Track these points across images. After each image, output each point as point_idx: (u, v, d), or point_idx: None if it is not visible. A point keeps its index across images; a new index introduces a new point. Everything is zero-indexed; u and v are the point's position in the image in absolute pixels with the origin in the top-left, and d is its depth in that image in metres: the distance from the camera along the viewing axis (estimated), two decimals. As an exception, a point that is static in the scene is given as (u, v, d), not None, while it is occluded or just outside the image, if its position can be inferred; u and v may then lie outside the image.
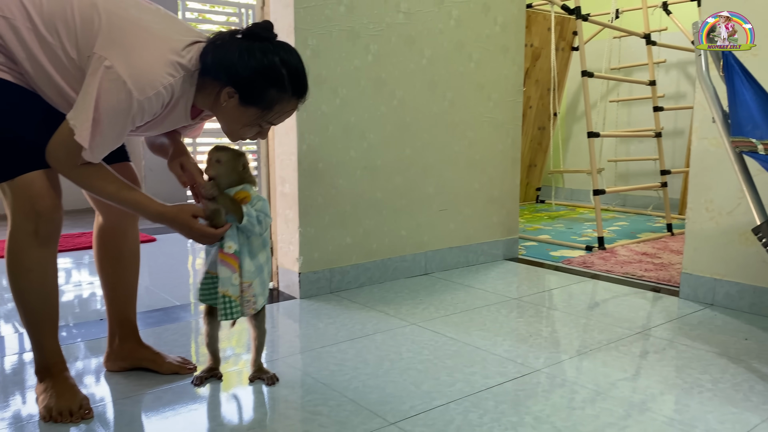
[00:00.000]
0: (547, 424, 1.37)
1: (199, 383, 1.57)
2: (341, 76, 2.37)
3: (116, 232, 1.60)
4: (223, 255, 1.48)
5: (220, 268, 1.48)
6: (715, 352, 1.82)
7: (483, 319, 2.11)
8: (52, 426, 1.36)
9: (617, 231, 3.85)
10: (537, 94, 4.91)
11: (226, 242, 1.47)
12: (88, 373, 1.65)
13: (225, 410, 1.46)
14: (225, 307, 1.48)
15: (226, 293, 1.48)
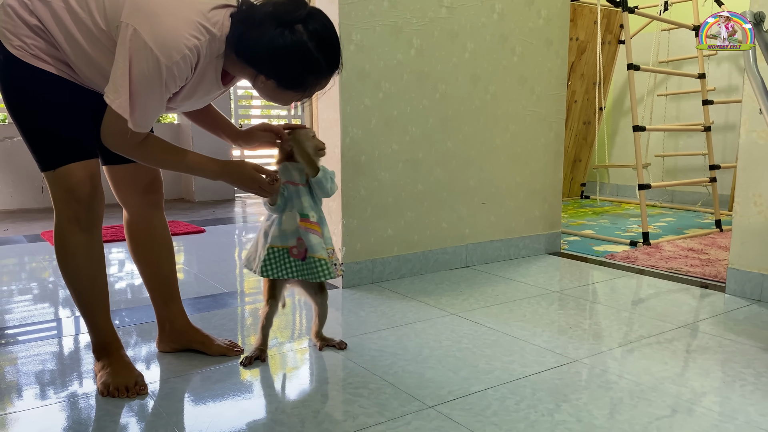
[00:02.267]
0: (584, 411, 1.39)
1: (248, 363, 1.64)
2: (384, 70, 2.41)
3: (142, 224, 1.66)
4: (309, 224, 1.61)
5: (309, 237, 1.60)
6: (760, 347, 1.79)
7: (523, 311, 2.12)
8: (110, 401, 1.45)
9: (663, 227, 3.79)
10: (582, 89, 4.85)
11: (309, 212, 1.61)
12: (140, 354, 1.74)
13: (269, 390, 1.52)
14: (321, 269, 1.60)
15: (320, 257, 1.60)
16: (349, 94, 2.33)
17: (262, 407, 1.43)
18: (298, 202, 1.62)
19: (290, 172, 1.63)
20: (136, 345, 1.81)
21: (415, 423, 1.34)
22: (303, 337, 1.89)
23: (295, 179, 1.62)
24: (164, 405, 1.43)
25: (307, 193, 1.63)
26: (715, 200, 3.72)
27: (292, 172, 1.63)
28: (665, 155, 4.61)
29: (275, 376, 1.61)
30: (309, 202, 1.62)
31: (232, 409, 1.41)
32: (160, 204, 1.67)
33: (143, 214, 1.65)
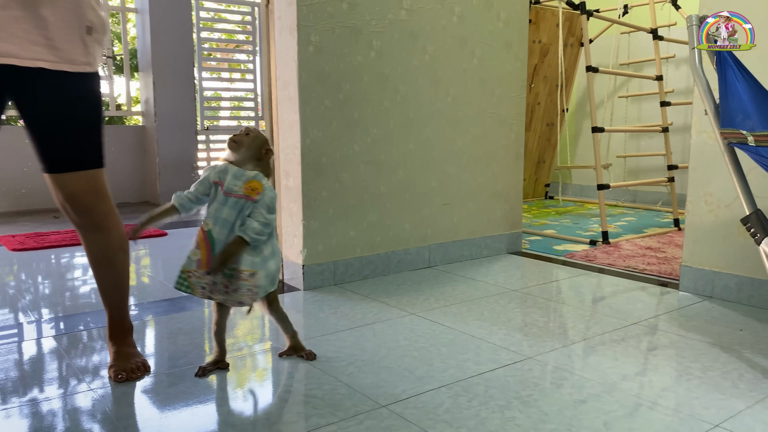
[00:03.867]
0: (534, 408, 1.41)
1: (202, 374, 1.60)
2: (344, 71, 2.42)
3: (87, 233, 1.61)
4: (199, 230, 1.53)
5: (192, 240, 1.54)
6: (709, 342, 1.84)
7: (481, 310, 2.14)
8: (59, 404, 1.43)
9: (624, 226, 3.86)
10: (546, 91, 4.92)
11: (207, 219, 1.52)
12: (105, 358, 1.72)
13: (222, 393, 1.51)
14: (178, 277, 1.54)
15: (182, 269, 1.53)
16: (309, 95, 2.33)
17: (214, 411, 1.42)
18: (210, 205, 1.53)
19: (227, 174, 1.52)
20: (102, 350, 1.79)
21: (367, 422, 1.34)
22: (260, 340, 1.89)
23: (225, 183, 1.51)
24: (115, 409, 1.41)
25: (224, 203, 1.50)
26: (673, 200, 3.80)
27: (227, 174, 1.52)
28: (626, 156, 4.70)
29: (230, 379, 1.60)
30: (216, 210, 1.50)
31: (184, 413, 1.40)
32: None
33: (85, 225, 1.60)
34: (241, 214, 1.50)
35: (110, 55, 5.13)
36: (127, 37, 5.38)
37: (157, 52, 5.04)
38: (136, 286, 2.54)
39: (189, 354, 1.75)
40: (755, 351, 1.77)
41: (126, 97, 5.35)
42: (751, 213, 1.58)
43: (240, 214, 1.50)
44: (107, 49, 5.08)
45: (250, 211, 1.49)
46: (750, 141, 1.63)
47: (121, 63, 5.77)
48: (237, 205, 1.50)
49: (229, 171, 1.53)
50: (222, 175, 1.53)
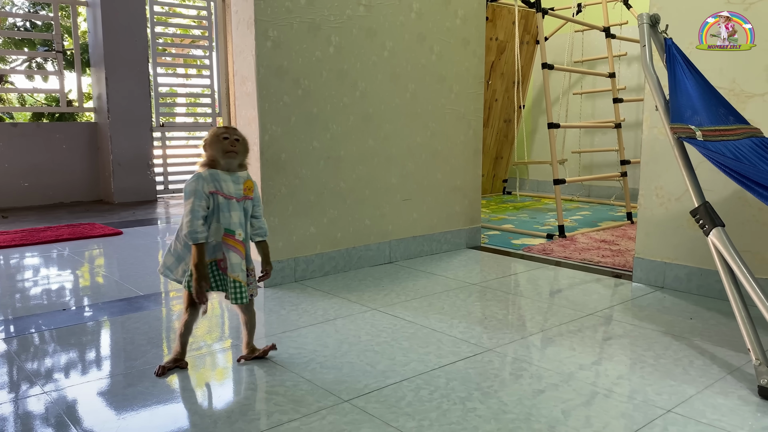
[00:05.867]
0: (494, 399, 1.43)
1: (161, 373, 1.57)
2: (303, 67, 2.40)
3: None
4: (233, 241, 1.54)
5: (230, 254, 1.54)
6: (660, 331, 1.90)
7: (442, 304, 2.16)
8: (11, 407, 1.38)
9: (579, 220, 3.95)
10: (503, 87, 4.99)
11: (237, 229, 1.54)
12: (59, 360, 1.67)
13: (184, 393, 1.49)
14: (236, 291, 1.56)
15: (237, 278, 1.55)
16: (267, 91, 2.31)
17: (175, 410, 1.40)
18: (225, 216, 1.53)
19: (221, 182, 1.52)
20: (54, 352, 1.74)
21: (330, 417, 1.34)
22: (220, 339, 1.87)
23: (228, 191, 1.53)
24: (69, 412, 1.38)
25: (239, 209, 1.55)
26: (626, 194, 3.91)
27: (226, 182, 1.53)
28: (581, 151, 4.80)
29: (191, 377, 1.58)
30: (239, 218, 1.55)
31: (143, 414, 1.37)
32: None
33: None
34: (247, 214, 1.58)
35: (60, 49, 4.97)
36: (78, 31, 5.22)
37: (110, 46, 4.91)
38: (91, 286, 2.48)
39: (147, 354, 1.72)
40: (704, 338, 1.83)
41: (77, 93, 5.20)
42: (700, 205, 1.64)
43: (246, 215, 1.58)
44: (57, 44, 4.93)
45: (252, 209, 1.60)
46: (698, 136, 1.68)
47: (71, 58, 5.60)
48: (243, 206, 1.57)
49: (220, 178, 1.52)
50: (216, 183, 1.52)
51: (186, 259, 1.57)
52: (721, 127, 1.80)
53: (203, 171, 1.53)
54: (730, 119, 1.88)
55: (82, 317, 2.06)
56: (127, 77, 5.01)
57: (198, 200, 1.50)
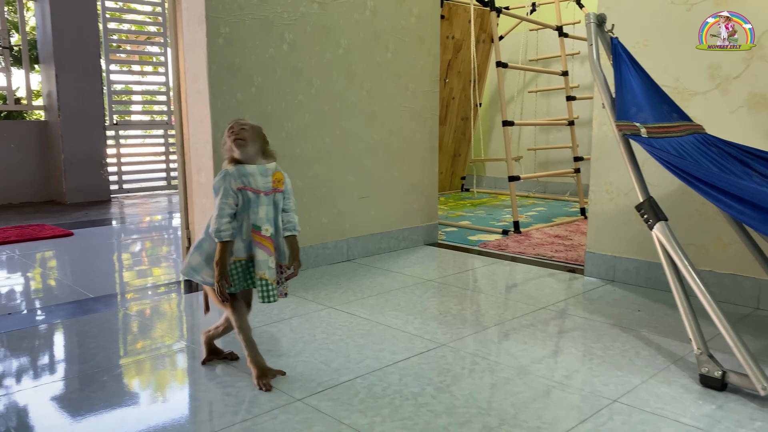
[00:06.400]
0: (446, 393, 1.45)
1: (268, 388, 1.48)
2: (256, 64, 2.38)
3: None
4: (260, 238, 1.48)
5: (256, 251, 1.48)
6: (609, 323, 1.95)
7: (398, 301, 2.17)
8: None
9: (535, 216, 4.02)
10: (460, 85, 5.03)
11: (263, 225, 1.48)
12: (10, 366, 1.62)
13: (133, 397, 1.46)
14: (263, 290, 1.50)
15: (263, 276, 1.49)
16: (220, 88, 2.28)
17: (126, 413, 1.37)
18: (254, 211, 1.48)
19: (249, 177, 1.47)
20: (6, 357, 1.68)
21: (282, 417, 1.34)
22: (176, 340, 1.84)
23: (256, 186, 1.48)
24: (18, 420, 1.34)
25: (269, 203, 1.50)
26: (579, 190, 3.99)
27: (254, 177, 1.48)
28: (537, 149, 4.88)
29: (141, 381, 1.55)
30: (266, 212, 1.49)
31: (93, 418, 1.34)
32: None
33: None
34: (277, 207, 1.52)
35: (7, 45, 4.81)
36: (26, 26, 5.06)
37: (60, 42, 4.77)
38: (43, 289, 2.41)
39: (96, 357, 1.68)
40: (651, 329, 1.89)
41: (26, 90, 5.04)
42: (645, 200, 1.69)
43: (277, 208, 1.52)
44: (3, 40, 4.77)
45: (282, 201, 1.54)
46: (643, 133, 1.73)
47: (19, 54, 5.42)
48: (273, 200, 1.51)
49: (248, 172, 1.48)
50: (243, 179, 1.47)
51: None
52: (665, 124, 1.85)
53: (230, 167, 1.48)
54: (673, 116, 1.94)
55: (32, 320, 2.00)
56: (79, 74, 4.88)
57: (224, 198, 1.46)
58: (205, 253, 1.51)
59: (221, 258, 1.46)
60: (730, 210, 1.50)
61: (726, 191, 1.51)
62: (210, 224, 1.49)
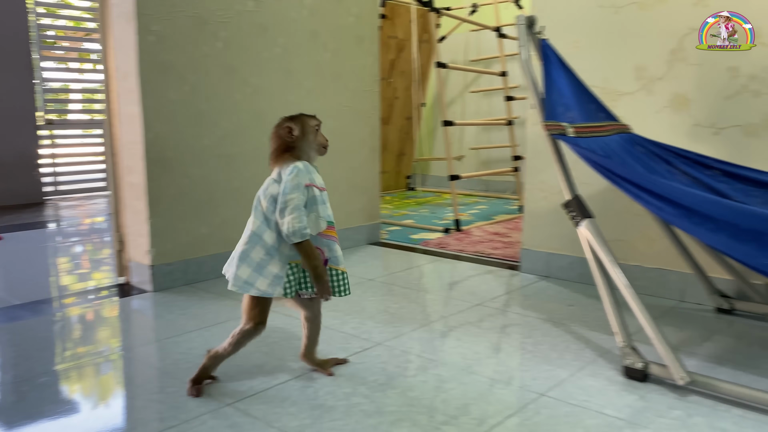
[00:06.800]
0: (379, 392, 1.45)
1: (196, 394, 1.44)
2: (189, 62, 2.33)
3: None
4: (333, 232, 1.46)
5: (333, 246, 1.47)
6: (542, 319, 1.99)
7: (337, 300, 2.17)
8: None
9: (476, 214, 4.07)
10: (403, 85, 5.06)
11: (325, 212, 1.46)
12: None
13: (61, 405, 1.41)
14: (340, 283, 1.47)
15: (344, 269, 1.47)
16: (151, 87, 2.22)
17: (49, 423, 1.32)
18: (323, 207, 1.46)
19: (313, 174, 1.47)
20: None
21: (210, 422, 1.31)
22: (106, 348, 1.78)
23: (320, 182, 1.47)
24: None
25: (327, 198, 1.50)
26: (518, 188, 4.07)
27: (316, 174, 1.48)
28: (478, 148, 4.96)
29: (66, 391, 1.49)
30: (324, 202, 1.48)
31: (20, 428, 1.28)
32: None
33: None
34: None
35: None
36: (-52, 20, 4.81)
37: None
38: (-41, 298, 2.30)
39: (19, 366, 1.61)
40: (581, 324, 1.94)
41: (-51, 87, 4.79)
42: (572, 198, 1.73)
43: None
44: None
45: None
46: (570, 132, 1.77)
47: (-58, 50, 5.15)
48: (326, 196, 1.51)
49: (312, 169, 1.47)
50: (310, 176, 1.45)
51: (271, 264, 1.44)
52: (592, 124, 1.90)
53: (300, 164, 1.44)
54: (600, 116, 2.00)
55: (-54, 331, 1.91)
56: (8, 71, 4.67)
57: (302, 194, 1.41)
58: (254, 263, 1.45)
59: (317, 256, 1.43)
60: (650, 206, 1.56)
61: (646, 188, 1.56)
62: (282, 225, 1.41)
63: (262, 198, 1.47)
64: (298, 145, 1.48)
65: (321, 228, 1.45)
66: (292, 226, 1.39)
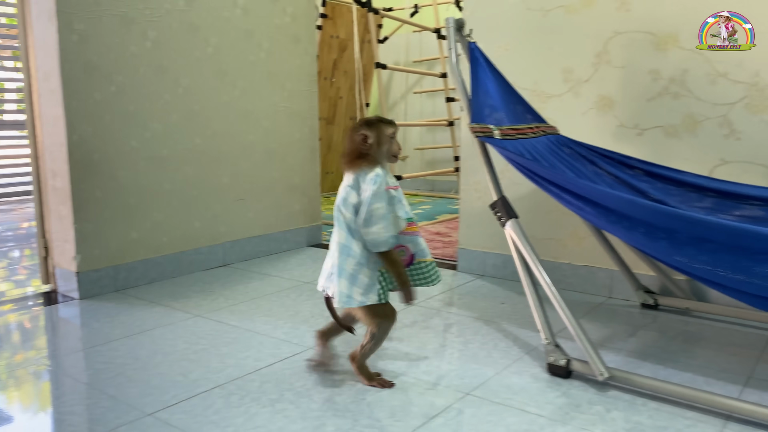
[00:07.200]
0: (305, 398, 1.44)
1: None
2: (116, 62, 2.26)
3: None
4: (414, 227, 1.49)
5: (417, 240, 1.50)
6: (473, 317, 2.02)
7: (271, 305, 2.14)
8: None
9: (420, 214, 4.10)
10: (347, 85, 5.04)
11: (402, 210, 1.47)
12: None
13: (-38, 423, 1.34)
14: (430, 273, 1.52)
15: (431, 260, 1.53)
16: (75, 87, 2.15)
17: (-53, 444, 1.26)
18: (402, 207, 1.48)
19: (388, 176, 1.47)
20: None
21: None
22: (21, 358, 1.71)
23: (394, 183, 1.48)
24: None
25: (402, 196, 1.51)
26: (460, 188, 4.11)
27: (389, 176, 1.48)
28: (423, 148, 4.99)
29: (-27, 405, 1.42)
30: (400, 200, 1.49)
31: None
32: None
33: None
34: None
35: None
36: None
37: None
38: None
39: (-76, 383, 1.53)
40: (511, 321, 1.97)
41: None
42: (498, 199, 1.76)
43: None
44: None
45: None
46: (496, 135, 1.80)
47: None
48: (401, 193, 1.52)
49: (386, 171, 1.47)
50: (387, 179, 1.46)
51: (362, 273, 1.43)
52: (519, 126, 1.93)
53: (380, 170, 1.44)
54: (528, 117, 2.03)
55: None
56: (-72, 70, 4.44)
57: (385, 202, 1.42)
58: (348, 274, 1.43)
59: (401, 263, 1.46)
60: (572, 206, 1.60)
61: (567, 189, 1.60)
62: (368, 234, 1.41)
63: (343, 208, 1.46)
64: (372, 152, 1.46)
65: (401, 227, 1.47)
66: (379, 236, 1.40)
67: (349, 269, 1.43)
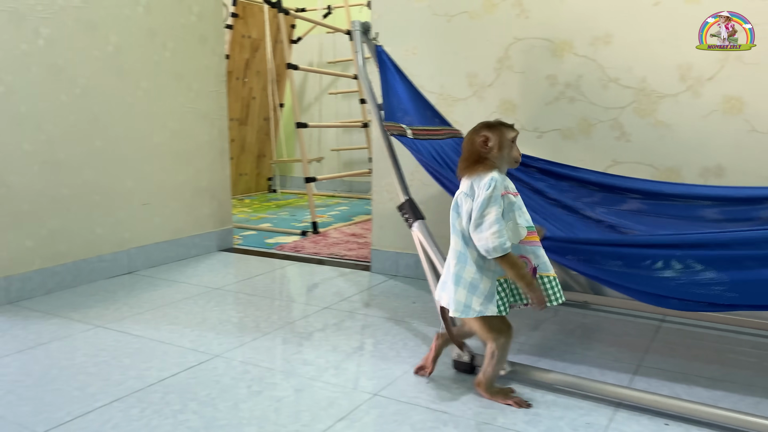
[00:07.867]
0: (209, 407, 1.41)
1: None
2: (4, 61, 2.12)
3: None
4: (536, 237, 1.38)
5: (539, 251, 1.38)
6: (385, 317, 2.04)
7: (177, 313, 2.08)
8: None
9: (337, 215, 4.10)
10: (260, 85, 4.97)
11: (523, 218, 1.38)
12: None
13: None
14: (554, 289, 1.39)
15: (554, 275, 1.39)
16: None
17: None
18: (522, 214, 1.39)
19: (507, 181, 1.40)
20: None
21: (15, 457, 1.20)
22: None
23: (514, 189, 1.40)
24: None
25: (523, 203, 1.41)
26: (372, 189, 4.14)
27: (508, 180, 1.41)
28: (339, 149, 4.99)
29: None
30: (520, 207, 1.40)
31: None
32: None
33: None
34: None
35: None
36: None
37: None
38: None
39: None
40: (421, 320, 2.01)
41: None
42: (405, 201, 1.79)
43: None
44: None
45: None
46: (409, 134, 1.82)
47: None
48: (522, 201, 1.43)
49: (504, 176, 1.40)
50: (504, 183, 1.38)
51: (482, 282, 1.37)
52: (428, 128, 1.98)
53: (497, 175, 1.37)
54: (435, 121, 2.08)
55: None
56: None
57: (499, 206, 1.34)
58: (467, 283, 1.38)
59: (522, 264, 1.36)
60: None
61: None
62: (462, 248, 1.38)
63: (458, 216, 1.40)
64: (492, 156, 1.40)
65: (521, 236, 1.39)
66: (492, 242, 1.32)
67: (468, 278, 1.38)
